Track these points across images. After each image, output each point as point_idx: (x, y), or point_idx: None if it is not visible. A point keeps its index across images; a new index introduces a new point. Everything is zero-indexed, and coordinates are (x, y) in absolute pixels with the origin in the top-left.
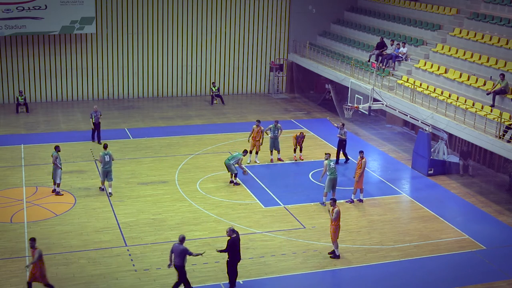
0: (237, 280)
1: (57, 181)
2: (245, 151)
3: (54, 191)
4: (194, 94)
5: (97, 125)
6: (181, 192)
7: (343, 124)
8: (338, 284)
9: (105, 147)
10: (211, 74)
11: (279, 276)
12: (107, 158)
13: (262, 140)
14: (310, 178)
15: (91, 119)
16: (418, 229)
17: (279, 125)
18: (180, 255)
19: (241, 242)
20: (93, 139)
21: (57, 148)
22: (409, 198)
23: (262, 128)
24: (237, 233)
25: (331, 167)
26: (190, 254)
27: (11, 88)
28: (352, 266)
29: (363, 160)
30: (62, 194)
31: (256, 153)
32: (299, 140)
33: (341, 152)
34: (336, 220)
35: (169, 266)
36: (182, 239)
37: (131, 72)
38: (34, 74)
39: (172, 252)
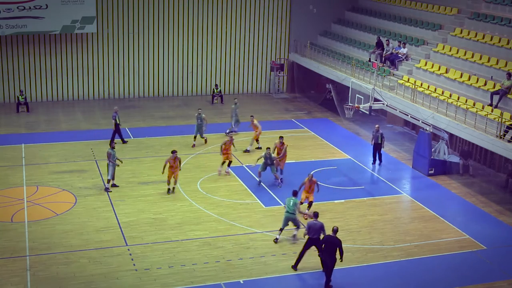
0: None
1: None
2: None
3: None
4: (195, 93)
5: (118, 125)
6: (182, 192)
7: (378, 127)
8: (339, 284)
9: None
10: (212, 74)
11: (279, 275)
12: None
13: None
14: None
15: (115, 121)
16: (418, 229)
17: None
18: (317, 232)
19: (242, 242)
20: (123, 141)
21: None
22: (410, 198)
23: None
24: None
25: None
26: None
27: (11, 87)
28: (352, 266)
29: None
30: None
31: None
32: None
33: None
34: None
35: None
36: (316, 215)
37: (132, 71)
38: (35, 74)
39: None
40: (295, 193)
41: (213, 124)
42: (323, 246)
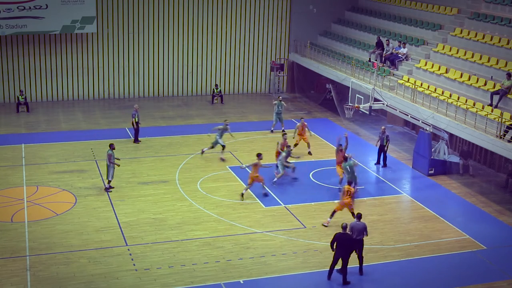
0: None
1: None
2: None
3: None
4: (195, 93)
5: (137, 124)
6: (182, 192)
7: (384, 129)
8: (339, 284)
9: None
10: (212, 74)
11: (279, 275)
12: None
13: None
14: (310, 177)
15: (134, 119)
16: (418, 229)
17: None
18: (360, 233)
19: (242, 242)
20: (136, 140)
21: None
22: (410, 198)
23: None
24: (347, 232)
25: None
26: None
27: (11, 87)
28: (352, 266)
29: None
30: None
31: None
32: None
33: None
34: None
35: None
36: (359, 216)
37: (132, 71)
38: (35, 74)
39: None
40: (345, 158)
41: (213, 124)
42: (335, 244)
